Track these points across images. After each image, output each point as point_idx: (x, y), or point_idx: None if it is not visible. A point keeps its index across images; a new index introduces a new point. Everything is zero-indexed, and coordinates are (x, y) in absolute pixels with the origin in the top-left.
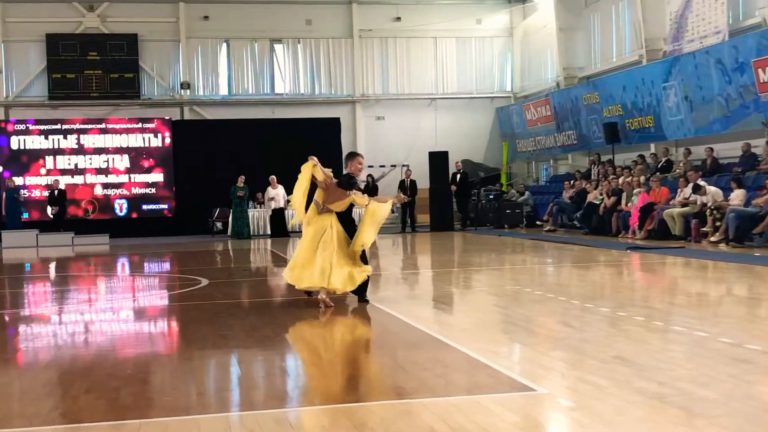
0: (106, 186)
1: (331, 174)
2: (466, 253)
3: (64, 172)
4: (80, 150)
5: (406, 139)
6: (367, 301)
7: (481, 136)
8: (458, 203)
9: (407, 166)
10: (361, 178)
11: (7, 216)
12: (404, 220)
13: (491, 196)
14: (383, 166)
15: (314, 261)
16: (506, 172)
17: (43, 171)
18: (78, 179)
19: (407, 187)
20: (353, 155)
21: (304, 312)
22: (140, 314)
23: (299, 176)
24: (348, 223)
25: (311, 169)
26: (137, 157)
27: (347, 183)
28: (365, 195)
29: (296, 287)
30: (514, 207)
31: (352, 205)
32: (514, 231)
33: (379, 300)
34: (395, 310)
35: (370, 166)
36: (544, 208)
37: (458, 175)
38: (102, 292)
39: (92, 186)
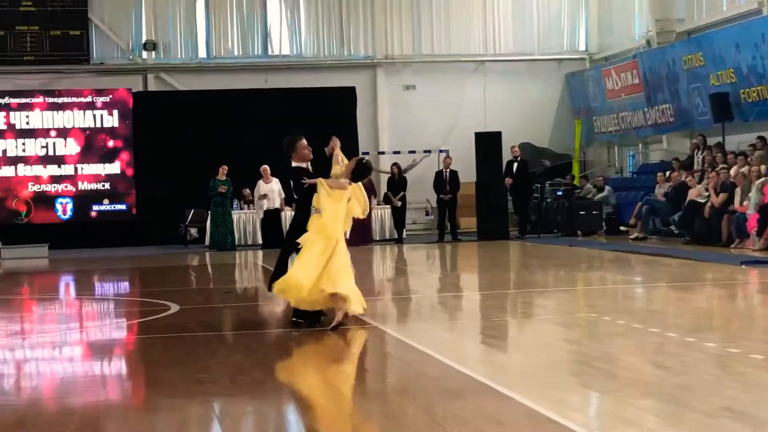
0: (44, 180)
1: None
2: (525, 270)
3: None
4: (9, 132)
5: (445, 116)
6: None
7: (545, 112)
8: (515, 202)
9: (446, 152)
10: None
11: None
12: (442, 226)
13: (559, 193)
14: (413, 152)
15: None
16: (579, 161)
17: None
18: (7, 171)
19: (446, 180)
20: (295, 139)
21: (306, 348)
22: (89, 351)
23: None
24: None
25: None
26: (86, 142)
27: (366, 167)
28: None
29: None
30: (590, 207)
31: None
32: (589, 239)
33: (408, 333)
34: (430, 346)
35: (395, 152)
36: (631, 209)
37: (515, 165)
38: (38, 321)
39: (25, 180)
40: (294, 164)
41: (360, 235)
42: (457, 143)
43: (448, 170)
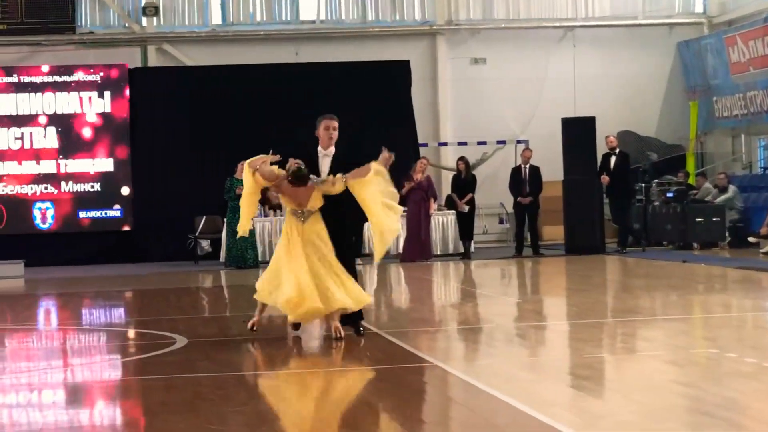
0: (19, 180)
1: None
2: (625, 293)
3: None
4: None
5: (523, 98)
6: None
7: (650, 92)
8: (613, 206)
9: (525, 143)
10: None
11: None
12: (520, 237)
13: (670, 195)
14: (483, 144)
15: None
16: (695, 154)
17: None
18: None
19: (525, 178)
20: (322, 118)
21: (347, 392)
22: (75, 395)
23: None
24: (335, 222)
25: (250, 177)
26: (71, 132)
27: (295, 177)
28: (335, 176)
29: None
30: (709, 212)
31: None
32: (709, 253)
33: (477, 372)
34: (503, 389)
35: (461, 144)
36: (762, 215)
37: (612, 159)
38: (11, 357)
39: None
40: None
41: (417, 248)
42: (539, 132)
43: (527, 166)
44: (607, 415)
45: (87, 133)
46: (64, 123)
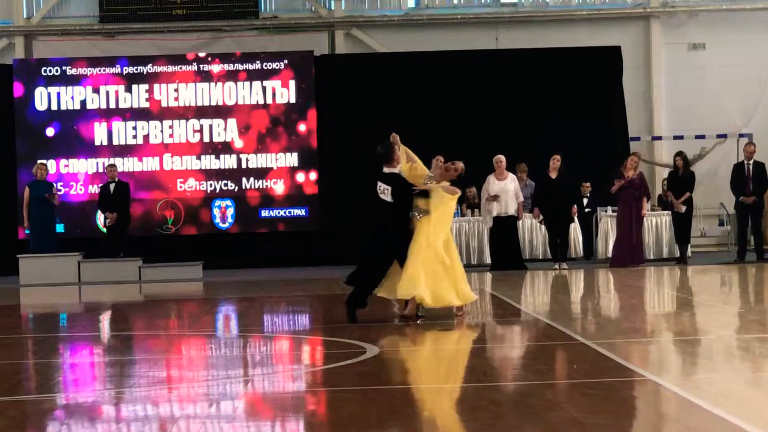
0: (197, 176)
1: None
2: None
3: (123, 150)
4: (153, 110)
5: (747, 87)
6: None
7: None
8: None
9: (748, 137)
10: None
11: (31, 227)
12: (743, 240)
13: None
14: (702, 137)
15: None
16: None
17: (88, 149)
18: (150, 163)
19: (749, 175)
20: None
21: (552, 410)
22: (256, 407)
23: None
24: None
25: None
26: (253, 125)
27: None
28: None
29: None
30: None
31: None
32: None
33: (694, 387)
34: (724, 406)
35: (677, 138)
36: None
37: None
38: (189, 367)
39: (173, 176)
40: (389, 170)
41: (628, 252)
42: (765, 125)
43: (751, 162)
44: None
45: (271, 125)
46: (246, 114)
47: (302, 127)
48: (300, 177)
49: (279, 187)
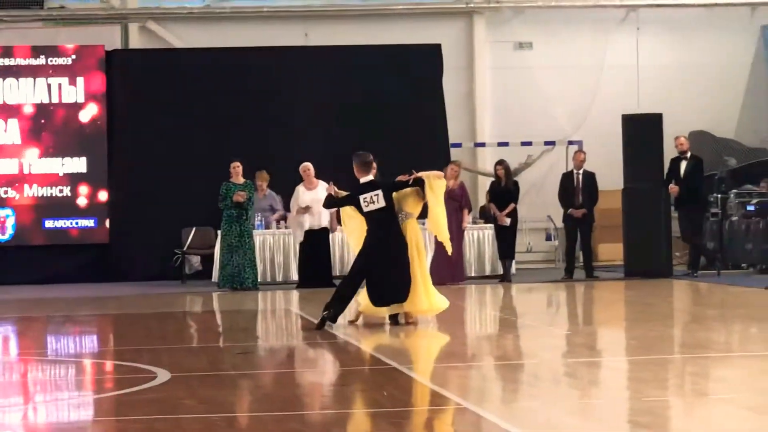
0: None
1: None
2: (696, 324)
3: None
4: None
5: (576, 90)
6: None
7: (730, 84)
8: (682, 221)
9: (578, 144)
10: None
11: None
12: (571, 256)
13: (751, 208)
14: (528, 144)
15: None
16: None
17: None
18: None
19: (578, 186)
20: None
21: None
22: None
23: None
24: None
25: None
26: (36, 126)
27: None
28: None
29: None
30: None
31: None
32: None
33: (517, 417)
34: None
35: (501, 144)
36: None
37: (683, 165)
38: None
39: None
40: (365, 179)
41: (447, 269)
42: (595, 131)
43: (580, 172)
44: None
45: (56, 127)
46: (28, 115)
47: (91, 130)
48: (89, 184)
49: (65, 195)
